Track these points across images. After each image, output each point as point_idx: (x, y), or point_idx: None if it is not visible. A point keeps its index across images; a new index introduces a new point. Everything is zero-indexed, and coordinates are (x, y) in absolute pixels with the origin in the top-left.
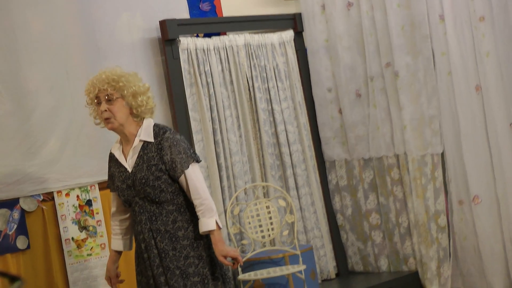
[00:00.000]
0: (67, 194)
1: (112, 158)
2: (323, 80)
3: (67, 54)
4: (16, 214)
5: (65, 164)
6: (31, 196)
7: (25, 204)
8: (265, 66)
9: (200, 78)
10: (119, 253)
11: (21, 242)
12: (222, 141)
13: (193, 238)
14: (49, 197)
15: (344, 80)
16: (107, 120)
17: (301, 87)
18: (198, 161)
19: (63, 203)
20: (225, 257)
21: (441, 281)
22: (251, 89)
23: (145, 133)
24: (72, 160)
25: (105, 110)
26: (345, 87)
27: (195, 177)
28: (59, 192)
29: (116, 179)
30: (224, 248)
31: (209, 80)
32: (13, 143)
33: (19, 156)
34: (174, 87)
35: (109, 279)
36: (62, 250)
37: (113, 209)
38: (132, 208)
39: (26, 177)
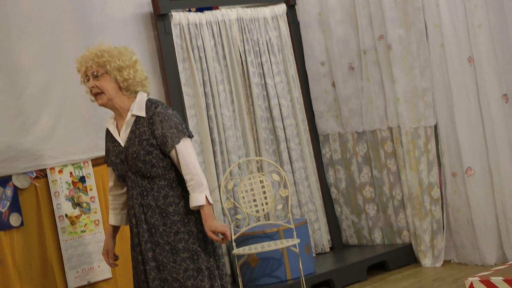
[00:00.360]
0: (60, 171)
1: (107, 133)
2: (316, 53)
3: (58, 30)
4: (9, 192)
5: (57, 141)
6: (24, 173)
7: (18, 181)
8: (257, 40)
9: (193, 53)
10: (116, 227)
11: (14, 220)
12: (216, 116)
13: (184, 213)
14: (42, 174)
15: (337, 54)
16: (96, 97)
17: (294, 61)
18: (190, 136)
19: (56, 180)
20: (214, 232)
21: (434, 253)
22: (244, 64)
23: (138, 107)
24: (65, 137)
25: (93, 87)
26: (338, 61)
27: (186, 152)
28: (52, 169)
29: (111, 153)
30: (213, 223)
31: (202, 55)
32: (5, 120)
33: (12, 133)
34: (166, 62)
35: (106, 253)
36: (56, 227)
37: (111, 183)
38: (126, 183)
39: (19, 154)
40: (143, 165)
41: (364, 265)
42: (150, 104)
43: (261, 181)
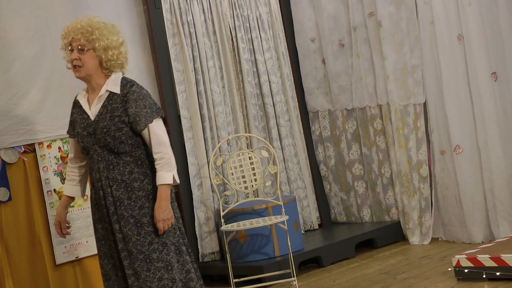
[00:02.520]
0: (49, 146)
1: (76, 105)
2: (306, 30)
3: (47, 3)
4: None
5: (46, 115)
6: (12, 147)
7: (6, 156)
8: (248, 16)
9: (183, 28)
10: (71, 198)
11: (2, 194)
12: (205, 91)
13: (148, 190)
14: (30, 148)
15: (327, 30)
16: (75, 68)
17: (285, 37)
18: (162, 116)
19: (44, 155)
20: (159, 218)
21: (422, 231)
22: (234, 40)
23: (112, 84)
24: (54, 111)
25: (76, 59)
26: (329, 37)
27: (159, 131)
28: (40, 143)
29: (77, 125)
30: (166, 207)
31: (192, 30)
32: None
33: (0, 107)
34: (156, 38)
35: (58, 224)
36: (44, 202)
37: (71, 155)
38: (90, 155)
39: (7, 128)
40: (112, 140)
41: (352, 242)
42: (126, 82)
43: (250, 158)
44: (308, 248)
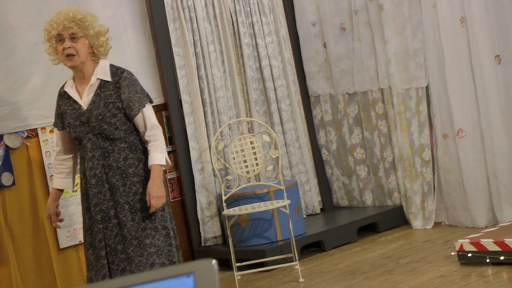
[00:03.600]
0: (51, 131)
1: (63, 96)
2: (307, 14)
3: None
4: (0, 151)
5: (48, 101)
6: (15, 132)
7: (9, 141)
8: (248, 0)
9: (183, 13)
10: (60, 191)
11: (6, 179)
12: (206, 76)
13: (142, 175)
14: (33, 133)
15: (328, 14)
16: (69, 57)
17: (285, 21)
18: (151, 102)
19: (47, 140)
20: (152, 196)
21: (425, 215)
22: (234, 24)
23: (102, 71)
24: (55, 96)
25: (69, 47)
26: (329, 21)
27: (151, 115)
28: (43, 128)
29: (68, 116)
30: (160, 185)
31: (192, 14)
32: None
33: (2, 92)
34: (157, 22)
35: (49, 217)
36: (47, 186)
37: (58, 148)
38: (82, 145)
39: (10, 113)
40: (108, 127)
41: (354, 226)
42: (115, 69)
43: (251, 142)
44: (310, 233)
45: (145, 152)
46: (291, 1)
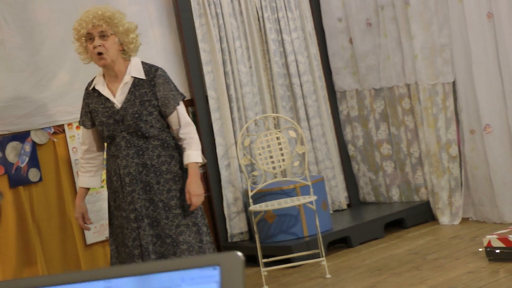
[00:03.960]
0: (78, 127)
1: (91, 95)
2: (333, 9)
3: None
4: (27, 147)
5: (75, 97)
6: (42, 128)
7: (36, 137)
8: None
9: (209, 9)
10: (87, 189)
11: (33, 175)
12: (232, 72)
13: (175, 172)
14: (60, 129)
15: (354, 9)
16: (100, 56)
17: (311, 17)
18: (184, 98)
19: (74, 136)
20: (192, 194)
21: (452, 211)
22: (260, 20)
23: (135, 69)
24: (82, 92)
25: (99, 45)
26: (356, 17)
27: (185, 113)
28: (69, 124)
29: (100, 114)
30: (198, 184)
31: (218, 10)
32: (23, 75)
33: (30, 88)
34: (183, 18)
35: (81, 216)
36: (74, 182)
37: (85, 146)
38: (115, 143)
39: (37, 109)
40: (144, 125)
41: (381, 222)
42: (149, 67)
43: (277, 138)
44: (337, 228)
45: (176, 149)
46: None
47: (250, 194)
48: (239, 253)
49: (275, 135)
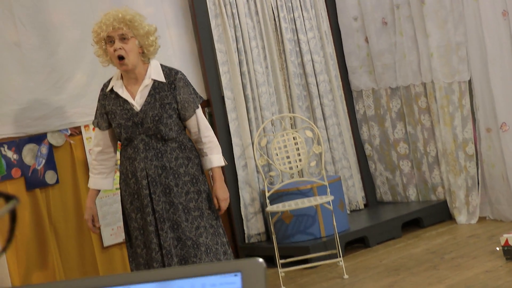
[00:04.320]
0: (94, 128)
1: (107, 96)
2: (348, 8)
3: None
4: (44, 149)
5: (91, 98)
6: (58, 130)
7: (53, 139)
8: None
9: (225, 9)
10: (98, 191)
11: (49, 177)
12: (248, 72)
13: (192, 174)
14: (76, 131)
15: (370, 8)
16: (121, 61)
17: (327, 16)
18: (202, 101)
19: (90, 137)
20: (219, 198)
21: (469, 210)
22: (276, 19)
23: (155, 72)
24: (98, 94)
25: (120, 48)
26: (371, 15)
27: (203, 116)
28: (86, 126)
29: (118, 116)
30: (224, 188)
31: (234, 10)
32: (40, 77)
33: (46, 90)
34: (199, 19)
35: (92, 217)
36: None
37: (99, 148)
38: (133, 145)
39: (53, 111)
40: (164, 128)
41: (398, 222)
42: (169, 70)
43: (294, 138)
44: (354, 228)
45: (193, 151)
46: None
47: (267, 194)
48: (261, 260)
49: (292, 135)
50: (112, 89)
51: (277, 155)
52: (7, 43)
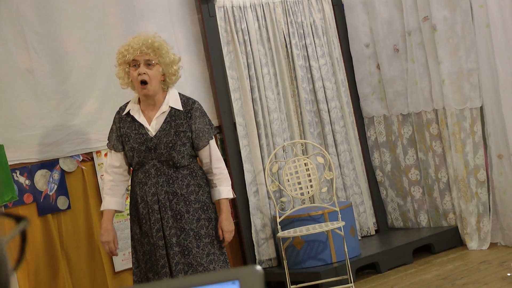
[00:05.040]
0: (106, 154)
1: (123, 119)
2: (360, 35)
3: (103, 14)
4: (56, 175)
5: (103, 124)
6: (70, 156)
7: (65, 165)
8: (302, 22)
9: (237, 36)
10: (114, 212)
11: (61, 203)
12: (260, 98)
13: (203, 201)
14: (88, 157)
15: (381, 35)
16: (143, 86)
17: (339, 43)
18: (216, 133)
19: (102, 163)
20: (224, 230)
21: (481, 236)
22: (288, 46)
23: (173, 100)
24: (111, 120)
25: (144, 73)
26: (383, 42)
27: (216, 147)
28: (98, 152)
29: (132, 140)
30: (230, 220)
31: (246, 37)
32: (52, 103)
33: (58, 116)
34: (211, 46)
35: (112, 240)
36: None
37: (116, 169)
38: (144, 170)
39: (65, 137)
40: (177, 155)
41: (409, 248)
42: (186, 99)
43: (305, 164)
44: (365, 254)
45: (204, 179)
46: (344, 23)
47: (279, 220)
48: (258, 267)
49: (303, 161)
50: (128, 113)
51: (288, 181)
52: (20, 70)
